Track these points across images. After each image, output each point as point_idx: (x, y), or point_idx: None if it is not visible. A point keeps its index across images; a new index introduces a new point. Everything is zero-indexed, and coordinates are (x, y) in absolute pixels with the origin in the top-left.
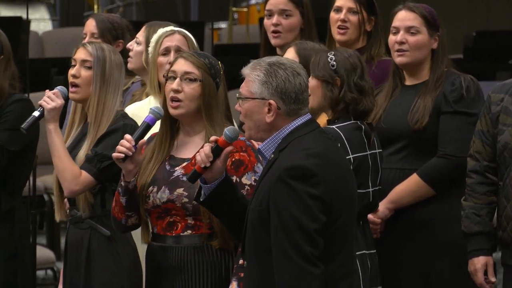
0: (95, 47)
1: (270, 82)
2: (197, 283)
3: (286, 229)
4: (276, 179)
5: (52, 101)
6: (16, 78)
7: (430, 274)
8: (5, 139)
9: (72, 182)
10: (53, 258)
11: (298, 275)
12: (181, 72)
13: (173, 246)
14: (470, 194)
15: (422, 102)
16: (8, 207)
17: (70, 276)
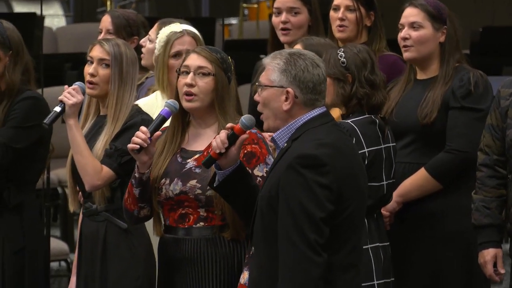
0: (112, 45)
1: (289, 70)
2: (210, 275)
3: (293, 216)
4: (287, 167)
5: (73, 96)
6: (30, 71)
7: (438, 266)
8: (9, 136)
9: (94, 176)
10: (66, 250)
11: (300, 261)
12: (195, 66)
13: (185, 238)
14: (480, 187)
15: (431, 97)
16: (16, 202)
17: (85, 268)
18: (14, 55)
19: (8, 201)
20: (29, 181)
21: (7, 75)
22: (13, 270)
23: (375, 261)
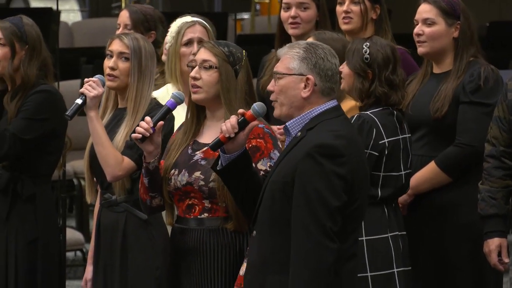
0: (131, 38)
1: (309, 58)
2: (213, 264)
3: (309, 203)
4: (305, 155)
5: (94, 89)
6: (48, 66)
7: (448, 257)
8: (20, 127)
9: (115, 167)
10: (82, 240)
11: (316, 248)
12: (200, 60)
13: (191, 228)
14: (486, 178)
15: (443, 91)
16: (29, 193)
17: (104, 258)
18: (30, 50)
19: (21, 193)
20: (42, 173)
21: (22, 69)
22: (26, 260)
23: (395, 250)
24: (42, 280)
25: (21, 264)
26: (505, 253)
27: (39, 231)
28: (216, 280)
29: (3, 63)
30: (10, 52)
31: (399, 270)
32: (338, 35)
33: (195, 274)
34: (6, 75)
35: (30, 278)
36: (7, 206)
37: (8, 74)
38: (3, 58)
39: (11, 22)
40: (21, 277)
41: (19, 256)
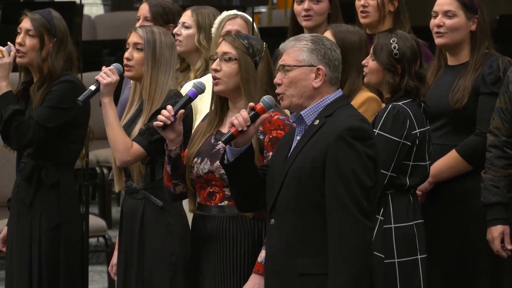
0: (145, 30)
1: (318, 49)
2: (232, 250)
3: (346, 184)
4: (336, 138)
5: (108, 76)
6: (73, 59)
7: (466, 243)
8: (43, 116)
9: (124, 153)
10: (104, 226)
11: (355, 226)
12: (221, 52)
13: (211, 215)
14: (489, 167)
15: (462, 83)
16: (52, 181)
17: (125, 243)
18: (58, 43)
19: (45, 180)
20: (65, 161)
21: (50, 60)
22: (50, 245)
23: (419, 237)
24: (64, 265)
25: (44, 249)
26: (508, 240)
27: (61, 217)
28: (235, 266)
29: (31, 53)
30: (39, 43)
31: (422, 257)
32: (354, 27)
33: (214, 259)
34: (34, 65)
35: (53, 263)
36: (31, 193)
37: (36, 64)
38: (31, 49)
39: (41, 14)
40: (44, 261)
41: (42, 241)
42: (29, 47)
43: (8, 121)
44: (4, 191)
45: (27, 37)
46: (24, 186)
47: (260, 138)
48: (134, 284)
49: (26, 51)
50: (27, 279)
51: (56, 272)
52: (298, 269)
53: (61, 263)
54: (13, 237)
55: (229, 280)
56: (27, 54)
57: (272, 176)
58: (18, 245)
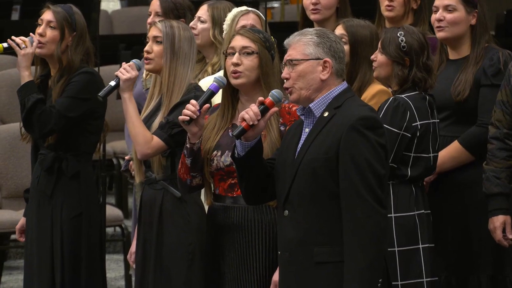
0: (165, 24)
1: (324, 42)
2: (256, 240)
3: (360, 172)
4: (349, 128)
5: (128, 72)
6: (91, 53)
7: (469, 231)
8: (64, 105)
9: (144, 146)
10: (121, 216)
11: (370, 213)
12: (239, 47)
13: (234, 206)
14: (490, 159)
15: (464, 76)
16: (74, 171)
17: (144, 232)
18: (78, 37)
19: (66, 171)
20: (85, 152)
21: (69, 53)
22: (71, 234)
23: (421, 227)
24: (86, 253)
25: (66, 238)
26: (509, 230)
27: (82, 206)
28: (259, 255)
29: (50, 45)
30: (59, 35)
31: (424, 246)
32: (365, 21)
33: (238, 248)
34: (53, 57)
35: (75, 251)
36: (52, 184)
37: (56, 56)
38: (51, 40)
39: (62, 8)
40: (67, 250)
41: (64, 231)
42: (50, 39)
43: (31, 109)
44: (23, 182)
45: (48, 29)
46: (44, 177)
47: (282, 130)
48: (153, 272)
49: (46, 42)
50: (48, 269)
51: (78, 260)
52: (315, 258)
53: (82, 252)
54: (33, 227)
55: (255, 269)
56: (46, 45)
57: (283, 168)
58: (38, 236)
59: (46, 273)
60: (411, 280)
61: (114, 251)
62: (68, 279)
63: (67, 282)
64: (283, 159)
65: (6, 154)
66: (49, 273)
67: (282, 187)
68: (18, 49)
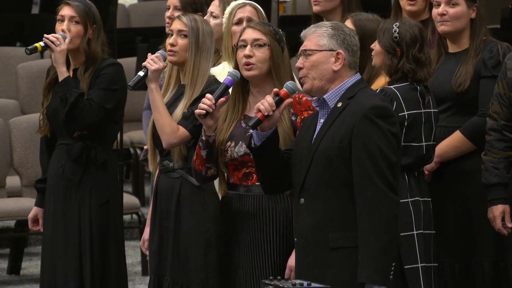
0: (189, 18)
1: (338, 35)
2: (270, 227)
3: (373, 160)
4: (361, 117)
5: (155, 63)
6: (105, 44)
7: (471, 218)
8: (101, 97)
9: (170, 135)
10: (138, 204)
11: (381, 199)
12: (251, 39)
13: (248, 194)
14: (489, 150)
15: (464, 67)
16: (103, 159)
17: (160, 220)
18: (97, 29)
19: (95, 159)
20: (110, 141)
21: (92, 45)
22: (100, 221)
23: (415, 213)
24: (114, 239)
25: (95, 225)
26: (508, 218)
27: (109, 194)
28: (273, 241)
29: (76, 39)
30: (83, 29)
31: (418, 233)
32: (373, 16)
33: (253, 235)
34: (80, 51)
35: (104, 238)
36: (79, 172)
37: (83, 49)
38: (77, 35)
39: (80, 2)
40: (96, 236)
41: (93, 217)
42: (75, 33)
43: (74, 104)
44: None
45: (72, 24)
46: (71, 166)
47: (293, 120)
48: (170, 259)
49: (72, 37)
50: (76, 254)
51: (106, 245)
52: (330, 244)
53: (111, 238)
54: (57, 215)
55: (268, 255)
56: (73, 40)
57: (299, 158)
58: (65, 224)
59: (73, 258)
60: (406, 266)
61: (131, 238)
62: (97, 263)
63: (96, 266)
64: (299, 149)
65: (27, 144)
66: (76, 258)
67: (298, 176)
68: (54, 46)
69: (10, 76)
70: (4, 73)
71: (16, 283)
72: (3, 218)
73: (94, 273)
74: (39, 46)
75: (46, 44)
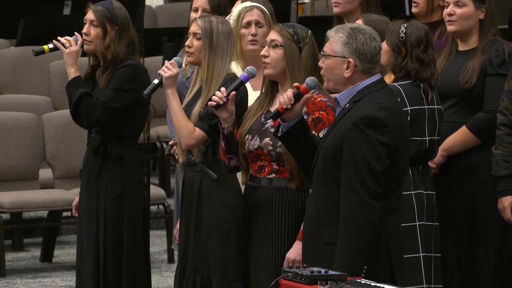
0: (204, 20)
1: (350, 43)
2: (277, 219)
3: (356, 167)
4: (352, 125)
5: (169, 70)
6: (135, 44)
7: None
8: (109, 97)
9: (187, 137)
10: (164, 195)
11: (361, 206)
12: (269, 40)
13: (261, 186)
14: (499, 144)
15: (471, 65)
16: (117, 154)
17: (186, 211)
18: (120, 30)
19: (110, 153)
20: (129, 136)
21: (113, 47)
22: (114, 211)
23: (417, 206)
24: (128, 229)
25: (109, 214)
26: None
27: (125, 187)
28: (279, 232)
29: (95, 42)
30: (102, 32)
31: (421, 224)
32: (382, 17)
33: (262, 225)
34: (99, 52)
35: (117, 227)
36: (98, 164)
37: (100, 51)
38: (95, 37)
39: (102, 6)
40: (110, 225)
41: (108, 209)
42: (94, 36)
43: (77, 103)
44: (74, 164)
45: (92, 27)
46: (92, 158)
47: (304, 118)
48: (192, 248)
49: (91, 39)
50: (94, 244)
51: (120, 236)
52: (322, 238)
53: (125, 228)
54: (83, 204)
55: (274, 245)
56: (92, 42)
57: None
58: (87, 212)
59: (93, 247)
60: (407, 255)
61: (157, 227)
62: (111, 253)
63: (109, 256)
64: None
65: (59, 138)
66: (95, 248)
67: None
68: (63, 48)
69: (43, 74)
70: (37, 71)
71: (48, 270)
72: (36, 208)
73: (107, 265)
74: (47, 48)
75: (55, 46)
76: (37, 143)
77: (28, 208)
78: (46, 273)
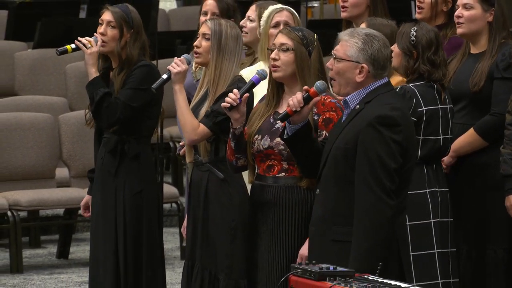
0: (214, 22)
1: (366, 49)
2: (287, 217)
3: (371, 165)
4: (367, 125)
5: (178, 66)
6: (146, 47)
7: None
8: (128, 96)
9: (191, 133)
10: (177, 193)
11: (376, 203)
12: (278, 43)
13: (269, 185)
14: (507, 143)
15: (480, 68)
16: (134, 152)
17: (193, 209)
18: (135, 33)
19: (128, 152)
20: (144, 135)
21: (128, 48)
22: (133, 209)
23: (432, 203)
24: (146, 226)
25: (128, 212)
26: None
27: (142, 184)
28: (288, 231)
29: (111, 43)
30: (119, 34)
31: (435, 221)
32: (387, 21)
33: (271, 224)
34: (114, 53)
35: (137, 225)
36: (115, 163)
37: (116, 52)
38: (112, 38)
39: (120, 8)
40: (130, 224)
41: (127, 205)
42: (110, 37)
43: (99, 103)
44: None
45: (109, 28)
46: (109, 158)
47: (315, 119)
48: (200, 245)
49: (108, 40)
50: (113, 240)
51: (139, 233)
52: (332, 236)
53: (143, 225)
54: (98, 203)
55: (284, 242)
56: (108, 43)
57: (323, 152)
58: (104, 211)
59: (111, 244)
60: (422, 252)
61: (170, 225)
62: (131, 249)
63: (129, 252)
64: (327, 144)
65: (75, 138)
66: (113, 244)
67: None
68: (84, 48)
69: (59, 76)
70: (54, 72)
71: (64, 267)
72: (53, 206)
73: (127, 261)
74: (70, 48)
75: (77, 46)
76: (54, 143)
77: (44, 206)
78: (62, 270)
